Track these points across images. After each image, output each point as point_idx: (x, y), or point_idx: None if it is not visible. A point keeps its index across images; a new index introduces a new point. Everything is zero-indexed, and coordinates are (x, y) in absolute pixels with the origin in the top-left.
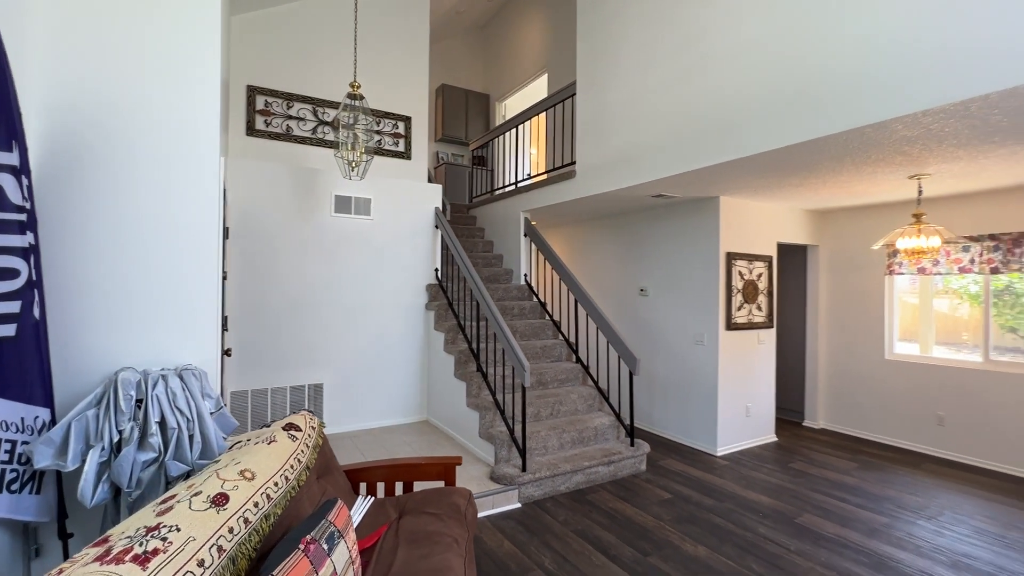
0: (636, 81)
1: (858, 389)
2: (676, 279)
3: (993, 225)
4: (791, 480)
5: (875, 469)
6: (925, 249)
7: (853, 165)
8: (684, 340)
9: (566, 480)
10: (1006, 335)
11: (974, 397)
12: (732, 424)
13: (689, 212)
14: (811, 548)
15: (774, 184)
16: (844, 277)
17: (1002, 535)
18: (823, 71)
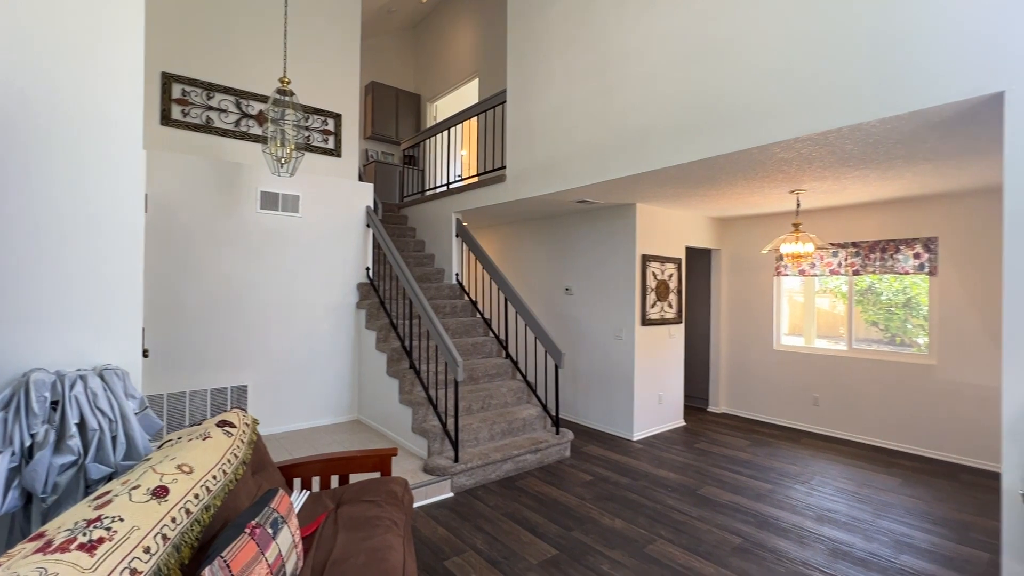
0: (562, 95)
1: (752, 377)
2: (598, 279)
3: (855, 234)
4: (695, 458)
5: (764, 445)
6: (802, 254)
7: (745, 180)
8: (605, 335)
9: (496, 468)
10: (870, 328)
11: (841, 381)
12: (647, 411)
13: (609, 217)
14: (710, 514)
15: (682, 194)
16: (741, 278)
17: (856, 492)
18: (717, 99)
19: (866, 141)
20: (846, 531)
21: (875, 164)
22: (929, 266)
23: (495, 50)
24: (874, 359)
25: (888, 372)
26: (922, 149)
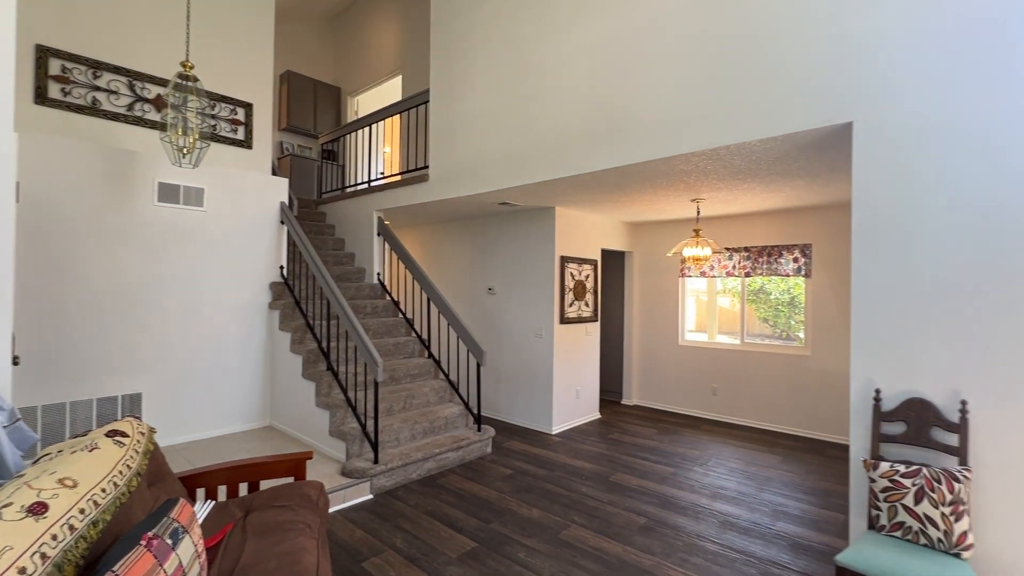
0: (484, 99)
1: (660, 371)
2: (519, 279)
3: (747, 239)
4: (608, 448)
5: (670, 433)
6: (701, 257)
7: (652, 189)
8: (526, 334)
9: (418, 468)
10: (762, 324)
11: (736, 372)
12: (565, 406)
13: (530, 219)
14: (620, 498)
15: (598, 199)
16: (652, 278)
17: (744, 470)
18: (626, 113)
19: (750, 158)
20: (734, 505)
21: (760, 178)
22: (805, 269)
23: (419, 49)
24: (763, 352)
25: (774, 363)
26: (795, 167)
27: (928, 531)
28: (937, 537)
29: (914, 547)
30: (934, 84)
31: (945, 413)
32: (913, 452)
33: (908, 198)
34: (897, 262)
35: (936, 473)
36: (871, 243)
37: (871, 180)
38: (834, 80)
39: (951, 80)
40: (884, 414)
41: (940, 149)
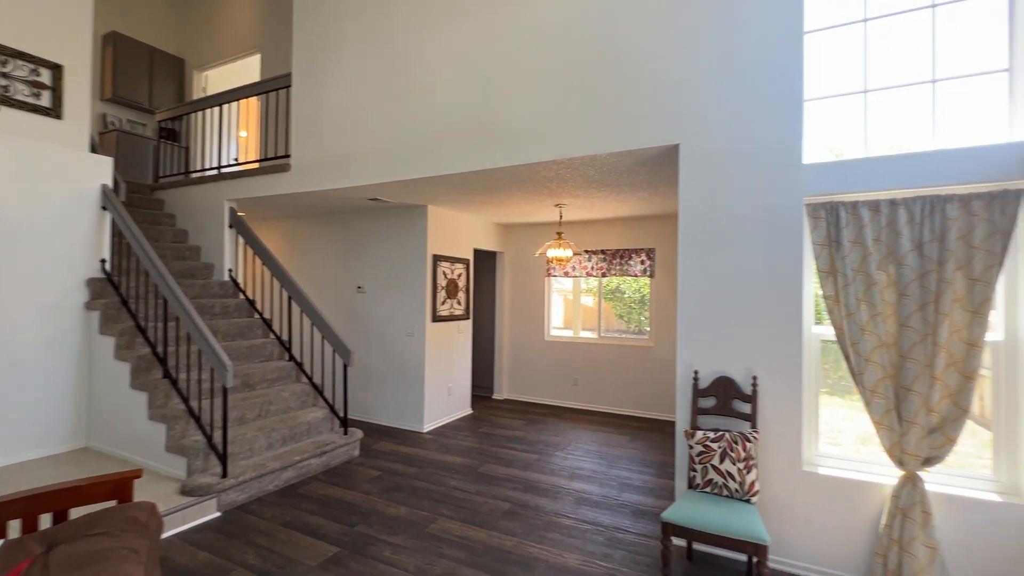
0: (353, 90)
1: (528, 364)
2: (391, 277)
3: (603, 243)
4: (478, 441)
5: (536, 423)
6: (563, 258)
7: (520, 192)
8: (397, 333)
9: (275, 478)
10: (618, 320)
11: (594, 364)
12: (437, 404)
13: (402, 217)
14: (487, 487)
15: (469, 199)
16: (521, 278)
17: (599, 451)
18: (494, 119)
19: (602, 169)
20: (588, 483)
21: (611, 188)
22: (650, 270)
23: (281, 30)
24: (617, 345)
25: (626, 355)
26: (639, 180)
27: (729, 484)
28: (735, 487)
29: (719, 498)
30: (735, 118)
31: (742, 387)
32: (720, 421)
33: (718, 209)
34: (710, 264)
35: (735, 436)
36: (692, 247)
37: (692, 193)
38: (666, 109)
39: (747, 116)
40: (700, 391)
41: (740, 170)
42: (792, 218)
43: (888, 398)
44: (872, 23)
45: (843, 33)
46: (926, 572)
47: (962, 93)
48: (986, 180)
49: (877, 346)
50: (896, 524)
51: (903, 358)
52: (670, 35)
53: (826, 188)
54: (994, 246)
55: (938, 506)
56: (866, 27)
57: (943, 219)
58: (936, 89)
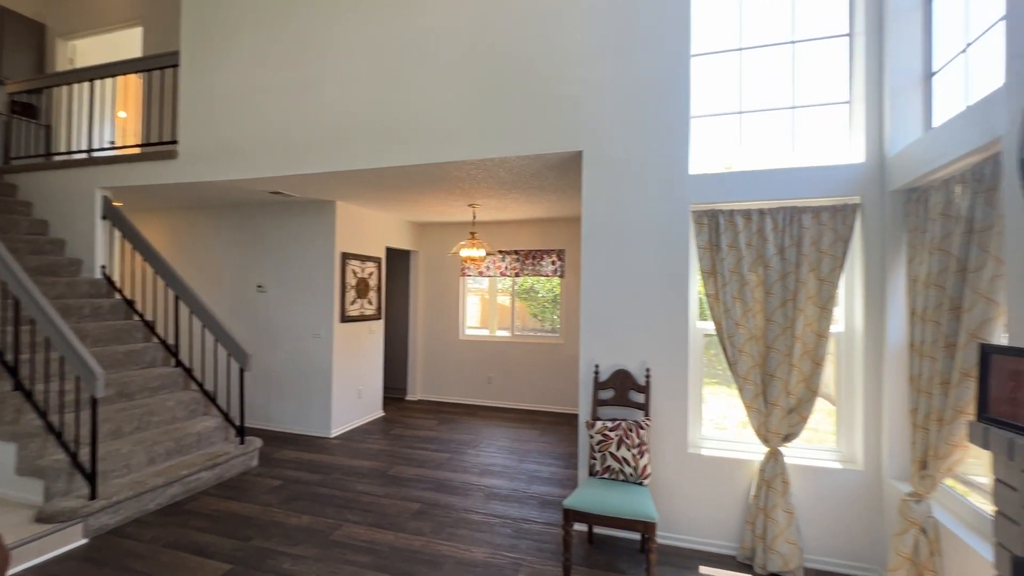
0: (251, 76)
1: (443, 364)
2: (296, 276)
3: (517, 243)
4: (389, 444)
5: (450, 422)
6: (476, 257)
7: (433, 191)
8: (302, 334)
9: (158, 496)
10: (534, 319)
11: (507, 361)
12: (345, 407)
13: (308, 212)
14: (397, 489)
15: (382, 197)
16: (435, 277)
17: (509, 446)
18: (407, 116)
19: (512, 171)
20: (499, 478)
21: (522, 190)
22: (560, 270)
23: (167, 1)
24: (530, 343)
25: (538, 352)
26: (548, 183)
27: (624, 469)
28: (630, 472)
29: (616, 483)
30: (633, 130)
31: (638, 379)
32: (619, 411)
33: (618, 214)
34: (610, 265)
35: (630, 424)
36: (594, 249)
37: (594, 198)
38: (571, 117)
39: (643, 128)
40: (601, 384)
41: (636, 178)
42: (680, 224)
43: (757, 384)
44: (746, 53)
45: (723, 59)
46: (785, 534)
47: (816, 119)
48: (831, 195)
49: (748, 339)
50: (762, 494)
51: (768, 348)
52: (576, 48)
53: (708, 197)
54: (837, 251)
55: (795, 476)
56: (741, 56)
57: (799, 227)
58: (795, 115)
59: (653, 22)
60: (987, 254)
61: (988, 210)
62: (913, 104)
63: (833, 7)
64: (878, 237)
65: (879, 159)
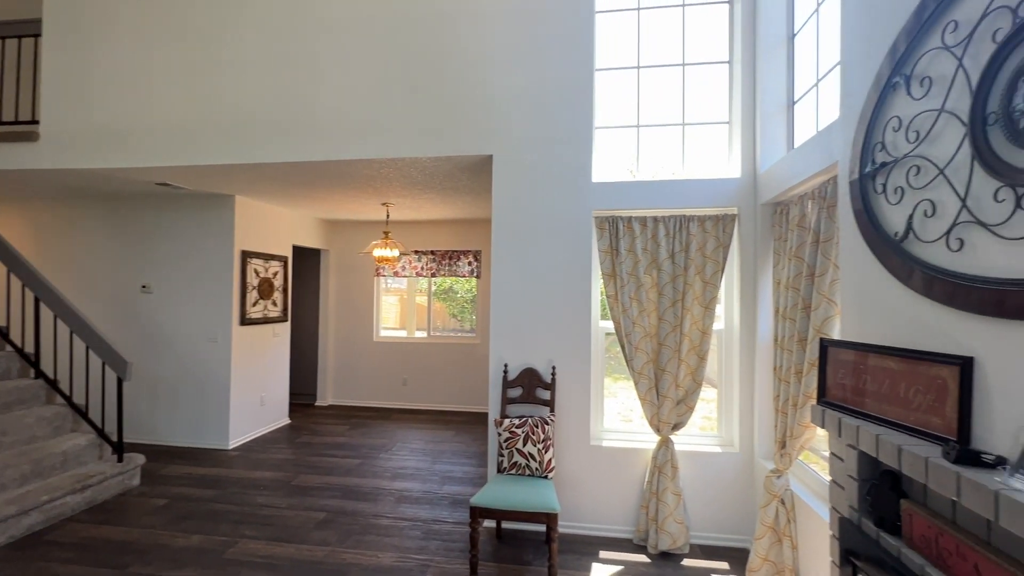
0: (135, 54)
1: (355, 368)
2: (188, 276)
3: (433, 243)
4: (295, 452)
5: (361, 427)
6: (390, 257)
7: (343, 189)
8: (196, 339)
9: (10, 527)
10: (452, 319)
11: (423, 363)
12: (246, 416)
13: (203, 207)
14: (301, 499)
15: (288, 192)
16: (348, 277)
17: (423, 448)
18: (313, 109)
19: (425, 171)
20: (411, 480)
21: (436, 191)
22: (476, 271)
23: None
24: (447, 343)
25: (455, 352)
26: (462, 185)
27: (530, 464)
28: (535, 466)
29: (522, 478)
30: (541, 136)
31: (544, 376)
32: (526, 408)
33: (526, 217)
34: (519, 266)
35: (536, 421)
36: (504, 250)
37: (504, 201)
38: (483, 121)
39: (551, 135)
40: (509, 382)
41: (544, 183)
42: (584, 228)
43: (650, 378)
44: (645, 71)
45: (625, 75)
46: (674, 514)
47: (704, 136)
48: (714, 205)
49: (643, 336)
50: (655, 480)
51: (660, 345)
52: (488, 55)
53: (610, 204)
54: (719, 257)
55: (683, 461)
56: (639, 73)
57: (688, 234)
58: (686, 131)
59: (561, 35)
60: (828, 261)
61: (829, 223)
62: (779, 127)
63: (717, 35)
64: (751, 245)
65: (752, 175)
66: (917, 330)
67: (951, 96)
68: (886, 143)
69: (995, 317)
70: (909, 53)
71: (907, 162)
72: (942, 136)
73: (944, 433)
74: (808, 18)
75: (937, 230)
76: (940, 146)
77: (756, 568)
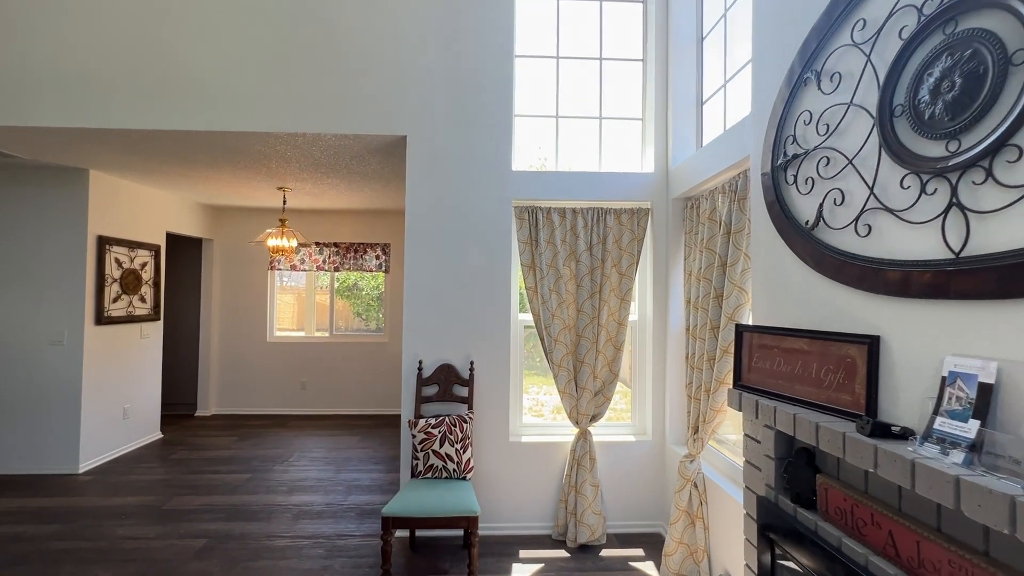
0: None
1: (245, 372)
2: (26, 265)
3: (337, 235)
4: (167, 471)
5: (252, 437)
6: (287, 248)
7: (230, 168)
8: (34, 342)
9: None
10: (356, 318)
11: (325, 364)
12: (103, 432)
13: (46, 182)
14: (175, 527)
15: (156, 169)
16: (236, 271)
17: (326, 456)
18: (186, 66)
19: (329, 152)
20: (311, 493)
21: (342, 175)
22: (385, 265)
23: None
24: (351, 343)
25: (360, 352)
26: (371, 169)
27: (448, 465)
28: (453, 468)
29: (438, 481)
30: (458, 121)
31: (462, 372)
32: (442, 407)
33: (443, 206)
34: (435, 257)
35: (454, 419)
36: (418, 241)
37: (419, 188)
38: (395, 99)
39: (468, 120)
40: (424, 380)
41: (461, 170)
42: (503, 218)
43: (569, 371)
44: (565, 62)
45: (545, 65)
46: (592, 506)
47: (621, 130)
48: (629, 199)
49: (562, 328)
50: (573, 473)
51: (579, 337)
52: (399, 29)
53: (529, 194)
54: (634, 249)
55: (600, 452)
56: (558, 63)
57: (605, 227)
58: (603, 124)
59: (481, 16)
60: (739, 251)
61: (740, 215)
62: (689, 126)
63: (633, 33)
64: (663, 238)
65: (665, 170)
66: (828, 313)
67: (860, 90)
68: (797, 136)
69: (900, 297)
70: (819, 50)
71: (817, 154)
72: (851, 128)
73: (853, 409)
74: (717, 21)
75: (846, 217)
76: (849, 138)
77: (671, 552)
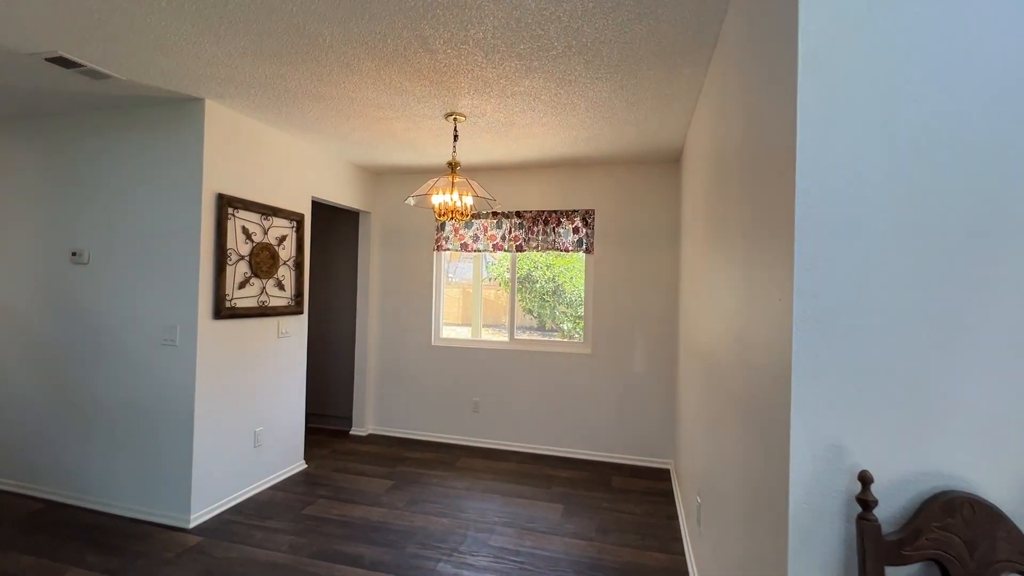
0: None
1: (406, 383)
2: (135, 234)
3: (518, 202)
4: (297, 537)
5: (411, 484)
6: (458, 209)
7: (367, 51)
8: (143, 338)
9: None
10: (526, 316)
11: (502, 377)
12: (225, 466)
13: (154, 120)
14: None
15: (279, 76)
16: (397, 253)
17: (518, 548)
18: None
19: (529, 27)
20: None
21: (551, 56)
22: (587, 243)
23: None
24: (538, 351)
25: (550, 365)
26: (634, 32)
27: None
28: None
29: None
30: None
31: None
32: None
33: None
34: None
35: None
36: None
37: None
38: None
39: None
40: (895, 540)
41: None
42: None
43: None
44: None
45: None
46: None
47: None
48: None
49: None
50: None
51: None
52: None
53: None
54: None
55: None
56: None
57: None
58: None
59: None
60: None
61: None
62: None
63: None
64: None
65: None
66: None
67: None
68: None
69: None
70: None
71: None
72: None
73: None
74: None
75: None
76: None
77: None
